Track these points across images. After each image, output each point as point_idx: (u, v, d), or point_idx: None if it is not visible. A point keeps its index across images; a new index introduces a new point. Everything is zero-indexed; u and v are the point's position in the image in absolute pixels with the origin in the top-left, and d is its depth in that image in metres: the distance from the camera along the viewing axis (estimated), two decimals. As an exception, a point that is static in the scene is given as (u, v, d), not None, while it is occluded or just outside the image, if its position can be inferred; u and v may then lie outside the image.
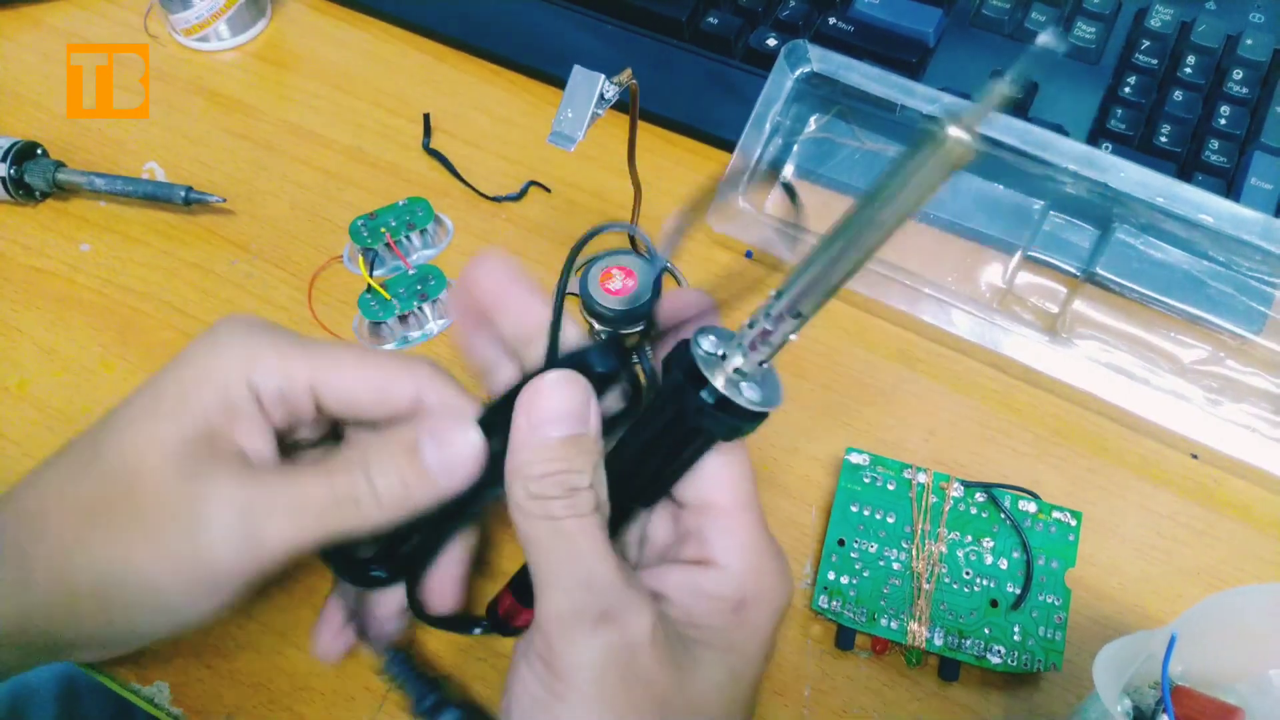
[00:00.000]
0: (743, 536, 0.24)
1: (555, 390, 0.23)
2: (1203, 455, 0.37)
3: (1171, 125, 0.42)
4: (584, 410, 0.23)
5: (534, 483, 0.23)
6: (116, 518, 0.25)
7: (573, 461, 0.23)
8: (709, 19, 0.47)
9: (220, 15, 0.50)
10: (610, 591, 0.23)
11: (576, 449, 0.23)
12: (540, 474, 0.23)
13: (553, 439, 0.23)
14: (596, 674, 0.22)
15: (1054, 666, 0.31)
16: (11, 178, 0.43)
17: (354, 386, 0.27)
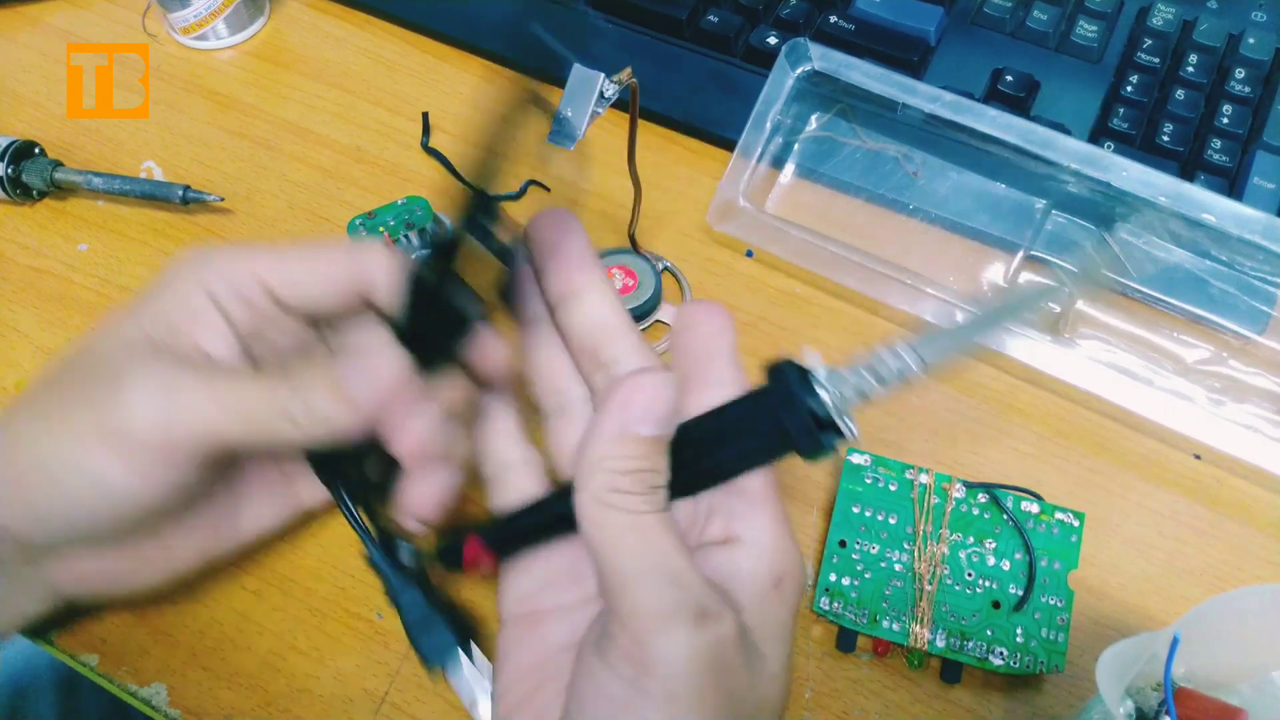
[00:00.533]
0: (771, 514, 0.25)
1: (656, 389, 0.23)
2: (1205, 456, 0.36)
3: (1173, 124, 0.42)
4: (672, 412, 0.24)
5: (620, 477, 0.23)
6: (64, 396, 0.26)
7: (655, 461, 0.23)
8: (709, 17, 0.46)
9: (218, 14, 0.49)
10: (700, 589, 0.22)
11: (659, 449, 0.23)
12: (626, 469, 0.23)
13: (642, 436, 0.23)
14: (694, 672, 0.22)
15: (1056, 668, 0.31)
16: (9, 177, 0.43)
17: (301, 279, 0.28)
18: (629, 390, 0.23)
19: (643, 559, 0.22)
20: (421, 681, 0.32)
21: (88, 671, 0.33)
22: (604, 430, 0.23)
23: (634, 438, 0.23)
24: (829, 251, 0.40)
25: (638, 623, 0.22)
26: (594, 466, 0.23)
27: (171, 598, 0.34)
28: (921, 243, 0.41)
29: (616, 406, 0.23)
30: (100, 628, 0.33)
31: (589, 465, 0.23)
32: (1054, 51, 0.45)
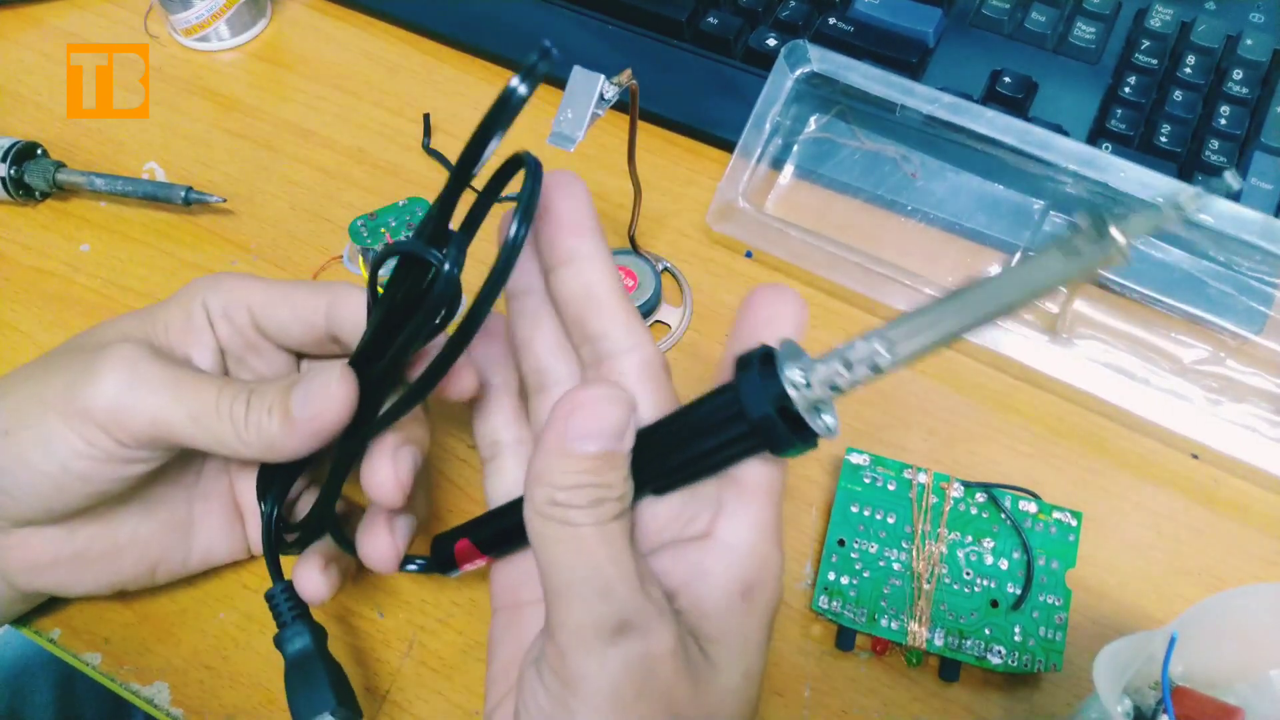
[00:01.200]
0: (756, 515, 0.24)
1: (596, 407, 0.22)
2: (1203, 455, 0.37)
3: (1171, 125, 0.42)
4: (622, 427, 0.22)
5: (559, 492, 0.22)
6: (48, 369, 0.28)
7: (603, 476, 0.22)
8: (709, 19, 0.47)
9: (220, 15, 0.50)
10: (629, 601, 0.22)
11: (609, 464, 0.22)
12: (568, 484, 0.22)
13: (587, 453, 0.22)
14: (612, 688, 0.21)
15: (1054, 667, 0.31)
16: (11, 178, 0.43)
17: (281, 313, 0.29)
18: (568, 406, 0.22)
19: (572, 572, 0.22)
20: (422, 680, 0.33)
21: (90, 671, 0.33)
22: (545, 444, 0.22)
23: (575, 454, 0.22)
24: (828, 252, 0.40)
25: (563, 636, 0.22)
26: (534, 479, 0.22)
27: (174, 597, 0.34)
28: (920, 243, 0.42)
29: (557, 421, 0.22)
30: (103, 627, 0.34)
31: (530, 478, 0.23)
32: (1052, 53, 0.45)
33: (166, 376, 0.27)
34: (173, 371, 0.27)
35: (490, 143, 0.23)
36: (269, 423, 0.26)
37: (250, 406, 0.26)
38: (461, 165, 0.23)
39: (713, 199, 0.42)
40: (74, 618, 0.34)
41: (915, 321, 0.20)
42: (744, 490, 0.24)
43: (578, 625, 0.22)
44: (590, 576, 0.22)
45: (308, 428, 0.26)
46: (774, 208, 0.43)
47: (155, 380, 0.26)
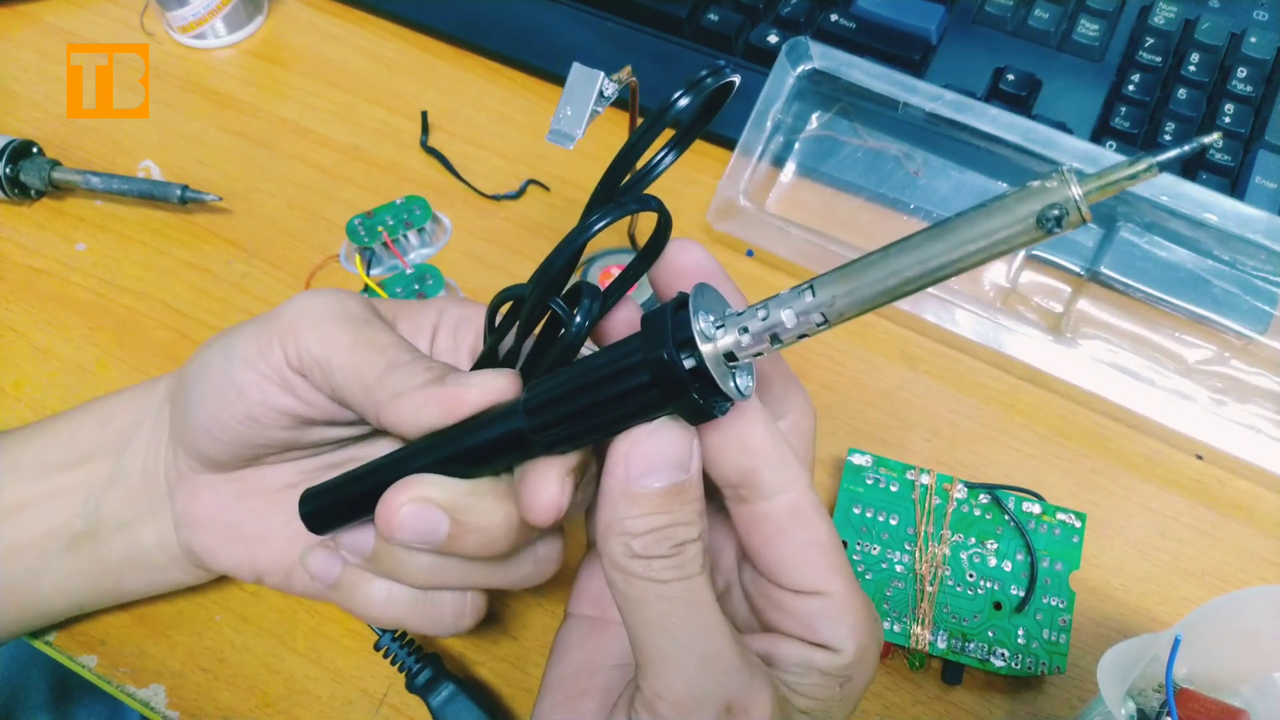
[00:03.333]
0: (853, 620, 0.22)
1: (654, 437, 0.21)
2: (1207, 456, 0.36)
3: (1175, 123, 0.41)
4: (686, 456, 0.21)
5: (635, 540, 0.21)
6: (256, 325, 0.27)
7: (677, 513, 0.21)
8: (709, 15, 0.46)
9: (217, 12, 0.49)
10: (733, 676, 0.21)
11: (680, 498, 0.21)
12: (643, 530, 0.21)
13: (654, 490, 0.21)
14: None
15: (1058, 669, 0.31)
16: (7, 176, 0.43)
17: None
18: (625, 445, 0.21)
19: (668, 639, 0.21)
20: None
21: (86, 673, 0.33)
22: (608, 490, 0.21)
23: (643, 493, 0.21)
24: (830, 251, 0.40)
25: (664, 709, 0.21)
26: (609, 529, 0.21)
27: (171, 600, 0.34)
28: (922, 242, 0.41)
29: (615, 463, 0.21)
30: (99, 629, 0.33)
31: (603, 528, 0.21)
32: (1056, 50, 0.45)
33: (362, 317, 0.26)
34: (370, 316, 0.26)
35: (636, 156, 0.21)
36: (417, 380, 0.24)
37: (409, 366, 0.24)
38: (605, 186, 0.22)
39: (714, 197, 0.42)
40: (70, 619, 0.33)
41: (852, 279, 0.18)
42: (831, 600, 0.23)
43: (678, 700, 0.21)
44: (688, 644, 0.21)
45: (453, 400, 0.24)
46: (775, 206, 0.43)
47: (350, 320, 0.26)
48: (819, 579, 0.22)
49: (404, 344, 0.26)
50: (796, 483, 0.22)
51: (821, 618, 0.22)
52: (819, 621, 0.22)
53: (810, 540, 0.22)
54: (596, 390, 0.21)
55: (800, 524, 0.22)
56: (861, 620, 0.23)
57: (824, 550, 0.23)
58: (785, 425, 0.24)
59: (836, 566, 0.23)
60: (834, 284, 0.19)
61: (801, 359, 0.39)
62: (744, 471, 0.22)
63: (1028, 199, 0.16)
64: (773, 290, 0.20)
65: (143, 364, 0.40)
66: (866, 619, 0.23)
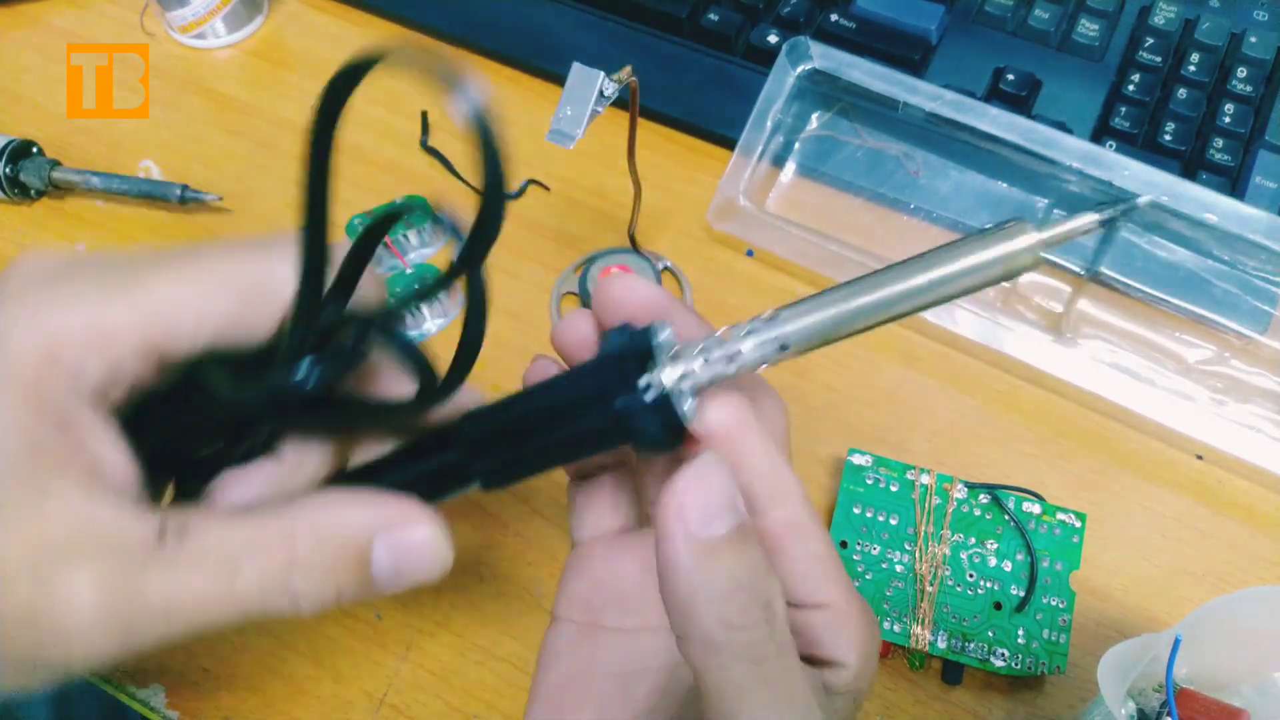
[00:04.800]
0: (854, 631, 0.22)
1: (704, 481, 0.19)
2: (1208, 456, 0.36)
3: (1175, 123, 0.41)
4: (734, 490, 0.19)
5: (726, 606, 0.18)
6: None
7: (754, 562, 0.19)
8: (710, 15, 0.46)
9: (217, 12, 0.49)
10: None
11: (748, 542, 0.19)
12: (728, 589, 0.18)
13: (722, 537, 0.18)
14: None
15: (1058, 669, 0.31)
16: (7, 176, 0.43)
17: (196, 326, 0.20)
18: (677, 500, 0.18)
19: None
20: (420, 683, 0.32)
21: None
22: (675, 558, 0.18)
23: (713, 544, 0.18)
24: (830, 251, 0.40)
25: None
26: (689, 607, 0.18)
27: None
28: (923, 242, 0.41)
29: (672, 523, 0.18)
30: (98, 629, 0.33)
31: (682, 609, 0.18)
32: (1056, 50, 0.45)
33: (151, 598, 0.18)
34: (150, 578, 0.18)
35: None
36: (344, 601, 0.20)
37: (299, 600, 0.20)
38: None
39: (713, 197, 0.42)
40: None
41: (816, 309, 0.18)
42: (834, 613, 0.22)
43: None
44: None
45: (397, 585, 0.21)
46: (775, 206, 0.43)
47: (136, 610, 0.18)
48: (819, 591, 0.22)
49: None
50: (792, 496, 0.22)
51: (823, 629, 0.22)
52: (821, 634, 0.22)
53: (809, 553, 0.22)
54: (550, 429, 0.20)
55: (798, 537, 0.22)
56: (862, 630, 0.22)
57: (822, 561, 0.22)
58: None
59: (835, 577, 0.22)
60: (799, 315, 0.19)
61: (803, 359, 0.39)
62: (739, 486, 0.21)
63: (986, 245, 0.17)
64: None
65: (143, 364, 0.40)
66: (867, 627, 0.22)
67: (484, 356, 0.43)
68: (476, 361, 0.20)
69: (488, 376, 0.39)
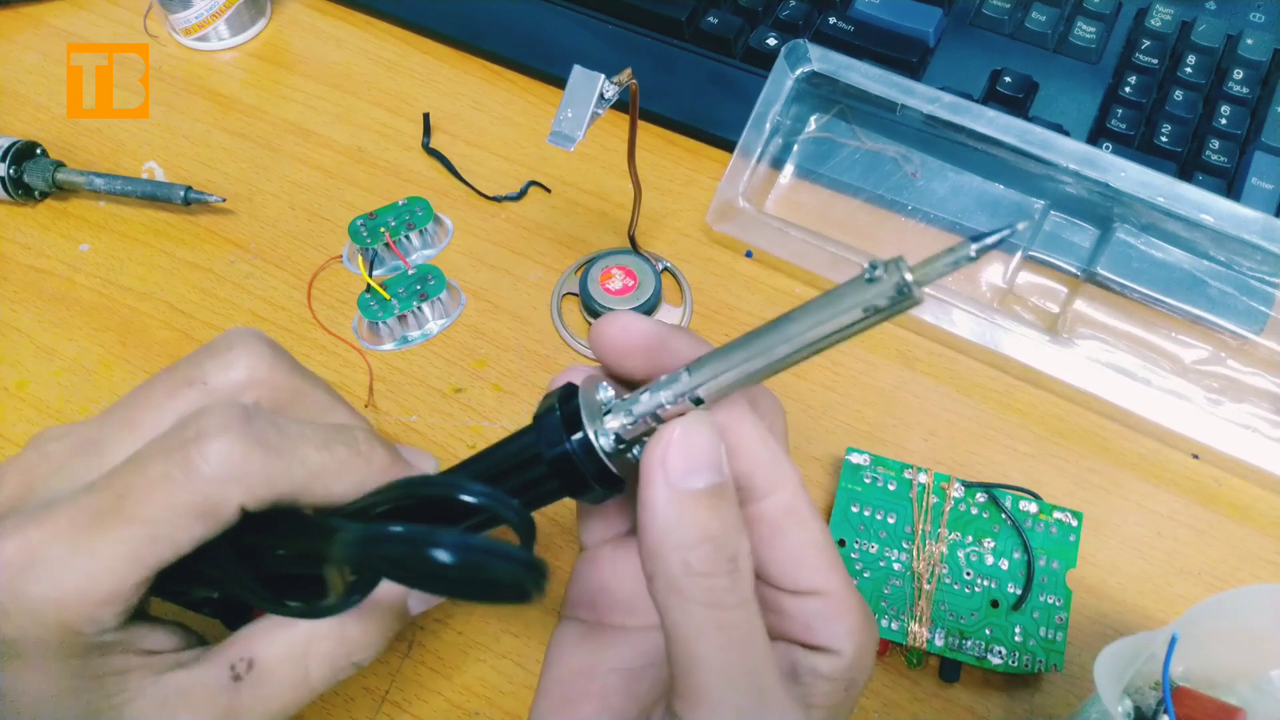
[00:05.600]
0: (852, 620, 0.22)
1: (689, 435, 0.20)
2: (1204, 455, 0.37)
3: (1172, 125, 0.42)
4: (719, 454, 0.20)
5: (692, 553, 0.19)
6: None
7: (726, 519, 0.20)
8: (709, 18, 0.47)
9: (220, 15, 0.50)
10: (780, 704, 0.20)
11: (724, 501, 0.20)
12: (696, 538, 0.19)
13: (699, 490, 0.20)
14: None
15: (1055, 667, 0.31)
16: (11, 177, 0.43)
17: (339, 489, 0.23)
18: (661, 448, 0.20)
19: (726, 673, 0.19)
20: (421, 680, 0.33)
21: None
22: (651, 500, 0.20)
23: (689, 497, 0.20)
24: (828, 252, 0.40)
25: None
26: (659, 549, 0.20)
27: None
28: (921, 243, 0.41)
29: (654, 470, 0.20)
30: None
31: (652, 550, 0.20)
32: (1052, 52, 0.45)
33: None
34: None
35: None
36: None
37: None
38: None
39: (713, 199, 0.42)
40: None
41: (722, 361, 0.20)
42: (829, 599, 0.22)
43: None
44: (746, 681, 0.20)
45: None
46: (774, 207, 0.43)
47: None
48: (816, 578, 0.22)
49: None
50: (788, 482, 0.22)
51: (820, 618, 0.22)
52: (818, 622, 0.22)
53: (806, 540, 0.22)
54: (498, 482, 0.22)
55: (795, 524, 0.22)
56: (859, 620, 0.23)
57: (820, 549, 0.22)
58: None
59: (833, 565, 0.22)
60: (707, 369, 0.20)
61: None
62: (737, 475, 0.22)
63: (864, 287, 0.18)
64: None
65: (146, 364, 0.40)
66: (863, 618, 0.23)
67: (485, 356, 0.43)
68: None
69: (489, 376, 0.39)
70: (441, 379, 0.39)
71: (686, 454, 0.20)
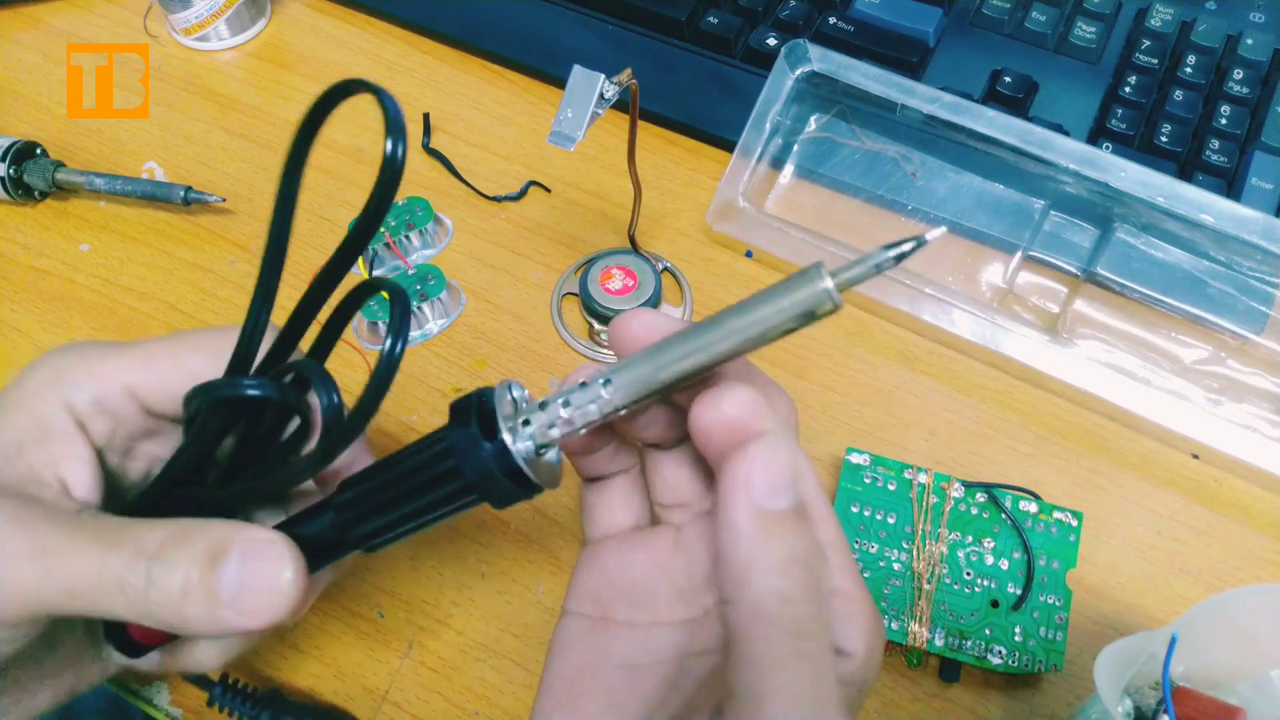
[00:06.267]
0: (862, 621, 0.22)
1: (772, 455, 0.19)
2: (1203, 455, 0.37)
3: (1172, 125, 0.42)
4: (796, 471, 0.19)
5: (783, 577, 0.18)
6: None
7: (811, 543, 0.19)
8: (709, 18, 0.47)
9: (220, 15, 0.50)
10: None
11: (805, 522, 0.19)
12: (785, 559, 0.19)
13: (783, 511, 0.19)
14: None
15: (1055, 667, 0.31)
16: (11, 177, 0.43)
17: (169, 379, 0.24)
18: (741, 463, 0.19)
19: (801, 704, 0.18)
20: (422, 680, 0.33)
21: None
22: (738, 526, 0.19)
23: (776, 517, 0.19)
24: (828, 252, 0.40)
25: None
26: (747, 573, 0.19)
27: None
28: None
29: (737, 491, 0.19)
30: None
31: (739, 575, 0.19)
32: (1053, 52, 0.45)
33: (29, 547, 0.21)
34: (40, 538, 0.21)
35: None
36: (186, 608, 0.21)
37: (153, 580, 0.21)
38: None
39: (713, 198, 0.42)
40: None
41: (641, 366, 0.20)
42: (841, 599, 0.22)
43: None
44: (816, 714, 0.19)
45: (241, 622, 0.21)
46: (774, 207, 0.43)
47: (16, 554, 0.21)
48: (832, 577, 0.22)
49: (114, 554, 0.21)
50: (806, 482, 0.22)
51: (834, 616, 0.22)
52: (832, 621, 0.22)
53: (823, 540, 0.22)
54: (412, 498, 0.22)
55: (812, 524, 0.22)
56: (870, 620, 0.22)
57: (835, 548, 0.22)
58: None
59: (846, 565, 0.22)
60: (625, 373, 0.20)
61: (800, 359, 0.39)
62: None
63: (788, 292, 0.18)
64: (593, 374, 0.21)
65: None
66: (874, 619, 0.22)
67: (485, 357, 0.43)
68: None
69: (489, 376, 0.39)
70: (441, 379, 0.39)
71: (770, 473, 0.19)
